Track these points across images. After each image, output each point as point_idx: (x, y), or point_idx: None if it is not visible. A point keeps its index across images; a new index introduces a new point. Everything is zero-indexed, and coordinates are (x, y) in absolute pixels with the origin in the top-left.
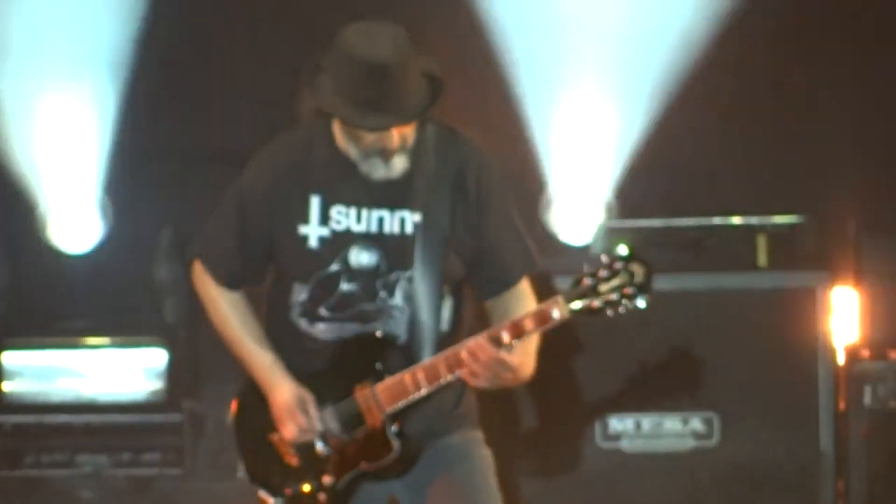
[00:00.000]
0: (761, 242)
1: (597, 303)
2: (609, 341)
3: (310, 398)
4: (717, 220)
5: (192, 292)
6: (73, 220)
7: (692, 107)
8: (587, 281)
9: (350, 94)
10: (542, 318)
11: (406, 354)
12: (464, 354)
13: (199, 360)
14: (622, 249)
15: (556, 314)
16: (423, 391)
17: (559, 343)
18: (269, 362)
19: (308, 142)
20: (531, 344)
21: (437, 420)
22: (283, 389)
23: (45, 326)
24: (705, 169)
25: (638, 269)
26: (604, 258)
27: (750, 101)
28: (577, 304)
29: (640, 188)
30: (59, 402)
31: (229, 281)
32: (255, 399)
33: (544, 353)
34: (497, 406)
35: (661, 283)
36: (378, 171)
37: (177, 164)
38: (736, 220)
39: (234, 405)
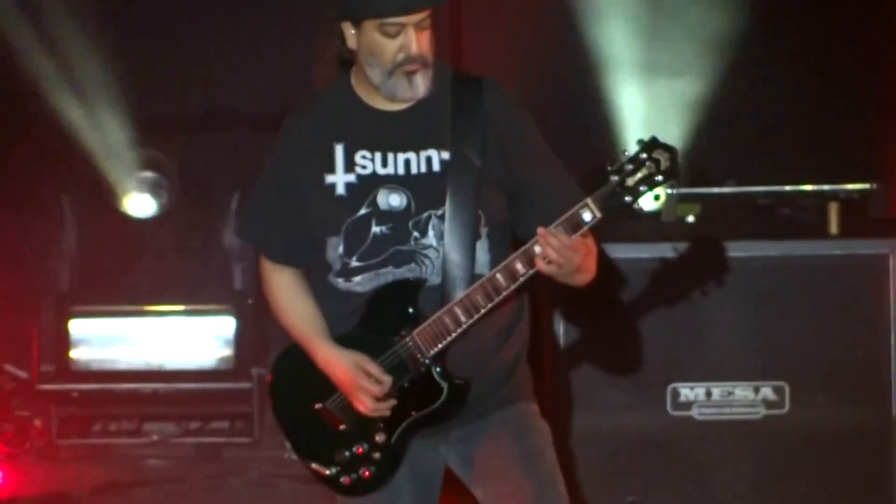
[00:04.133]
0: (833, 209)
1: (627, 197)
2: (680, 309)
3: (367, 360)
4: (788, 188)
5: (259, 260)
6: (142, 185)
7: (763, 73)
8: (613, 177)
9: None
10: (573, 223)
11: (441, 296)
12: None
13: (267, 327)
14: (644, 138)
15: (587, 216)
16: (464, 325)
17: (630, 311)
18: (319, 339)
19: (329, 97)
20: (591, 244)
21: (491, 393)
22: (338, 363)
23: (113, 293)
24: (776, 136)
25: (663, 156)
26: (626, 152)
27: (821, 66)
28: (606, 203)
29: (710, 155)
30: (126, 370)
31: (275, 254)
32: (289, 374)
33: (617, 321)
34: (566, 372)
35: (733, 250)
36: (402, 89)
37: (246, 128)
38: (807, 187)
39: (269, 386)
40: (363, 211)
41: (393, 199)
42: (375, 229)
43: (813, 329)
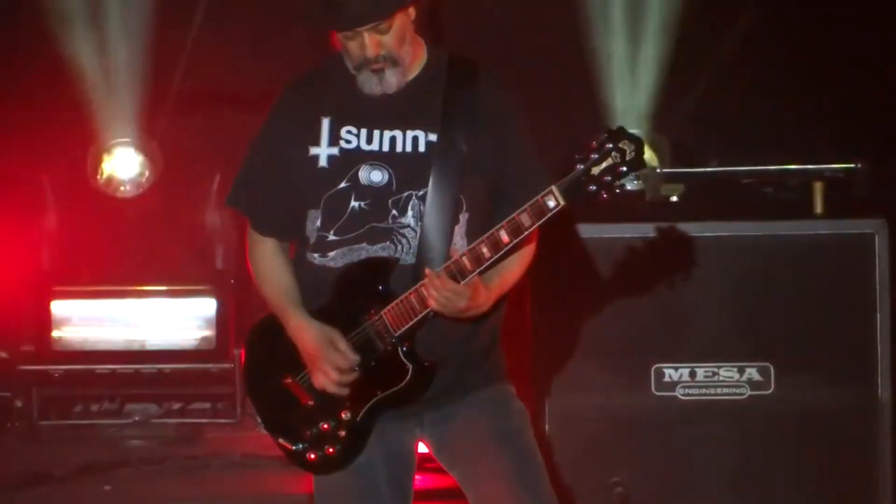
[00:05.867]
0: (817, 189)
1: (592, 186)
2: (664, 290)
3: (337, 334)
4: (772, 167)
5: (242, 239)
6: (122, 166)
7: (747, 53)
8: (578, 166)
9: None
10: (538, 210)
11: (414, 277)
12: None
13: (249, 307)
14: (612, 127)
15: (551, 203)
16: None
17: (613, 291)
18: (293, 310)
19: (324, 70)
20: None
21: (465, 375)
22: (308, 334)
23: (94, 274)
24: (761, 116)
25: (628, 146)
26: (592, 141)
27: (805, 48)
28: (570, 191)
29: (694, 135)
30: (107, 350)
31: (261, 224)
32: (261, 347)
33: (600, 301)
34: (549, 353)
35: (717, 230)
36: (370, 85)
37: (227, 109)
38: (791, 166)
39: (241, 358)
40: (343, 184)
41: (374, 175)
42: (354, 204)
43: (798, 309)
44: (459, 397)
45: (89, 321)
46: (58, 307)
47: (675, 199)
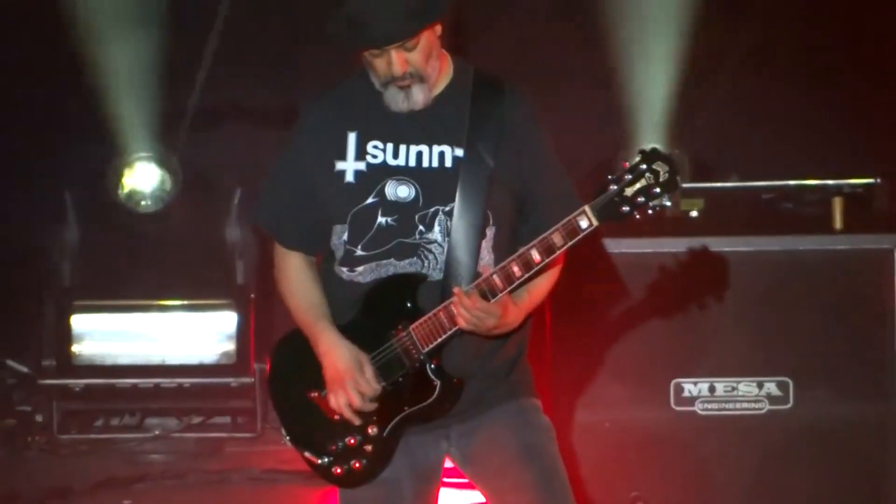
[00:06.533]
0: (836, 204)
1: (625, 207)
2: (683, 304)
3: (365, 358)
4: (791, 182)
5: (263, 253)
6: (144, 180)
7: (768, 69)
8: (612, 186)
9: (347, 17)
10: (570, 230)
11: (442, 292)
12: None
13: (270, 321)
14: (645, 148)
15: (583, 223)
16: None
17: (632, 306)
18: (322, 326)
19: (348, 87)
20: (514, 305)
21: (491, 389)
22: (339, 354)
23: (115, 288)
24: (780, 131)
25: (662, 168)
26: (626, 162)
27: (825, 63)
28: (603, 211)
29: (714, 150)
30: (128, 364)
31: (287, 239)
32: (288, 360)
33: (618, 315)
34: (567, 367)
35: (737, 245)
36: (397, 101)
37: (249, 124)
38: (811, 181)
39: (267, 369)
40: (370, 200)
41: (401, 191)
42: (381, 220)
43: (817, 324)
44: (485, 411)
45: (110, 335)
46: (78, 321)
47: (694, 214)
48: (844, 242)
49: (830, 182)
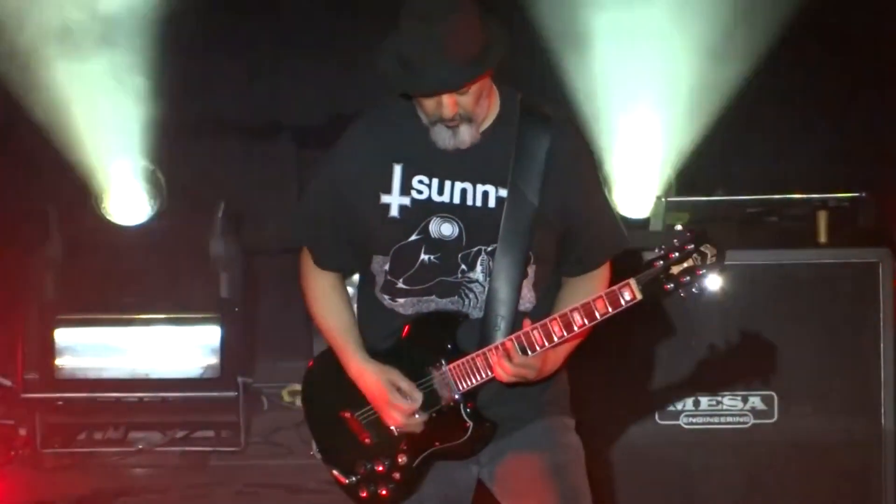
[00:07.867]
0: (821, 218)
1: (669, 285)
2: (668, 318)
3: (396, 374)
4: (776, 196)
5: (247, 268)
6: (128, 194)
7: (753, 83)
8: (659, 263)
9: (399, 56)
10: (613, 300)
11: (481, 331)
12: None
13: (253, 336)
14: (693, 230)
15: (627, 296)
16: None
17: (619, 321)
18: (353, 350)
19: (396, 114)
20: (553, 356)
21: (523, 405)
22: (370, 376)
23: (99, 302)
24: (766, 145)
25: (710, 250)
26: (675, 240)
27: (809, 78)
28: (648, 287)
29: (700, 163)
30: (111, 378)
31: (324, 260)
32: (324, 375)
33: (602, 328)
34: None
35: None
36: (444, 140)
37: (232, 138)
38: (796, 195)
39: (304, 383)
40: (414, 237)
41: (445, 229)
42: (424, 257)
43: (802, 338)
44: (514, 430)
45: (93, 349)
46: (62, 335)
47: (679, 227)
48: (829, 256)
49: (815, 196)
